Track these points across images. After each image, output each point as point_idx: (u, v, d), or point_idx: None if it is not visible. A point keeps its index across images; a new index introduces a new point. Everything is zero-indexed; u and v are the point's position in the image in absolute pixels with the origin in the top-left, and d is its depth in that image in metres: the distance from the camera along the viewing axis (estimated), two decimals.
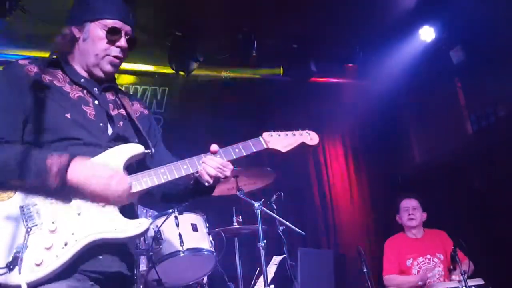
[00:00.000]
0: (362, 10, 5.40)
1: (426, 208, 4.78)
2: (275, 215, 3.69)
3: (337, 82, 6.92)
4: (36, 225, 1.67)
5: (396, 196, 4.99)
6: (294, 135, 2.16)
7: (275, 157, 6.21)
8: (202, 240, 3.39)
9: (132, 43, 1.96)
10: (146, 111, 2.13)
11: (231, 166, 1.93)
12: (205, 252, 3.35)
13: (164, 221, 3.33)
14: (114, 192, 1.71)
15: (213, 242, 3.47)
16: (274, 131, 2.13)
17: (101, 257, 1.73)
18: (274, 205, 3.83)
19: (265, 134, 2.10)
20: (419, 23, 6.01)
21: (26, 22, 4.71)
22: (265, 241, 3.47)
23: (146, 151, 1.90)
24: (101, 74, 1.94)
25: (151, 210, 4.32)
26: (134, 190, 1.79)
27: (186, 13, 5.45)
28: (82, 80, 1.92)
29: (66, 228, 1.68)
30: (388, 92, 6.82)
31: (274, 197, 3.89)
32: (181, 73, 5.90)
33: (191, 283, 3.53)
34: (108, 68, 1.92)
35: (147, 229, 1.79)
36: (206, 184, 1.92)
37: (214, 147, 1.96)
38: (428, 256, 4.53)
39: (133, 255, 1.90)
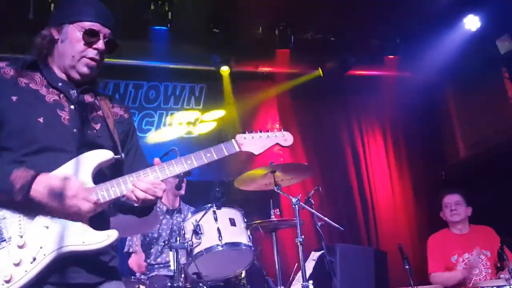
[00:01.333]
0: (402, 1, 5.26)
1: (470, 203, 4.61)
2: (313, 210, 3.66)
3: (377, 74, 6.77)
4: (5, 239, 1.66)
5: (439, 192, 4.85)
6: (268, 136, 2.11)
7: (312, 153, 6.20)
8: (240, 234, 3.41)
9: (112, 46, 1.94)
10: (126, 115, 2.07)
11: (163, 186, 1.83)
12: (243, 247, 3.37)
13: (203, 216, 3.37)
14: (76, 210, 1.70)
15: (251, 236, 3.48)
16: (248, 132, 2.08)
17: (69, 268, 1.71)
18: (312, 201, 3.80)
19: (238, 136, 2.05)
20: (463, 12, 5.78)
21: None
22: (303, 236, 3.44)
23: (116, 156, 1.86)
24: (77, 76, 1.91)
25: (192, 207, 4.41)
26: (102, 200, 1.76)
27: (223, 9, 5.49)
28: (60, 84, 1.89)
29: (34, 243, 1.67)
30: (431, 84, 6.61)
31: (312, 192, 3.86)
32: (221, 69, 5.95)
33: (229, 277, 3.56)
34: (84, 70, 1.89)
35: (117, 240, 1.76)
36: (135, 205, 1.84)
37: (155, 161, 1.91)
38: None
39: (107, 262, 1.84)
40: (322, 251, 3.84)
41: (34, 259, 1.65)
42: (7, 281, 1.61)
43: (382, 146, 6.77)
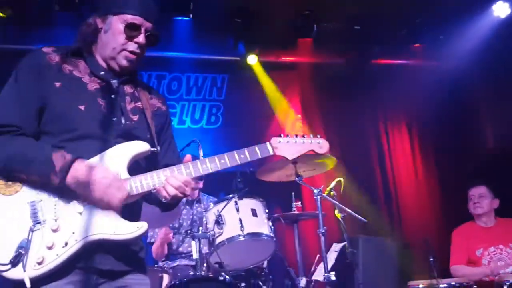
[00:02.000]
0: None
1: (498, 195, 4.51)
2: (335, 202, 3.63)
3: (402, 63, 6.64)
4: (40, 222, 1.71)
5: (466, 185, 4.75)
6: (303, 142, 2.10)
7: (335, 143, 6.14)
8: (261, 225, 3.42)
9: (153, 40, 1.94)
10: (164, 107, 2.09)
11: (193, 185, 1.87)
12: (265, 237, 3.38)
13: (225, 206, 3.38)
14: (108, 201, 1.73)
15: (272, 227, 3.48)
16: (283, 135, 2.06)
17: (98, 254, 1.74)
18: (334, 192, 3.76)
19: (273, 140, 2.04)
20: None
21: None
22: (325, 227, 3.43)
23: (152, 149, 1.88)
24: (117, 67, 1.92)
25: (211, 196, 4.44)
26: (135, 192, 1.79)
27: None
28: (102, 72, 1.91)
29: (67, 227, 1.71)
30: (458, 73, 6.43)
31: (334, 183, 3.82)
32: (243, 59, 5.93)
33: (251, 267, 3.58)
34: (124, 63, 1.90)
35: (146, 231, 1.79)
36: (163, 200, 1.86)
37: (187, 157, 1.94)
38: (500, 246, 4.29)
39: (136, 252, 1.88)
40: (344, 243, 3.81)
41: (66, 243, 1.70)
42: (39, 263, 1.66)
43: (407, 137, 6.66)
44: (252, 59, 5.93)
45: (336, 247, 4.02)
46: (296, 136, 2.09)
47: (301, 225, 4.02)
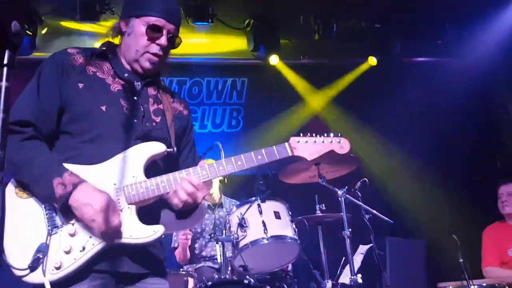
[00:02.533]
0: None
1: None
2: (360, 203, 3.57)
3: (425, 60, 6.51)
4: (57, 226, 1.71)
5: (494, 183, 4.63)
6: (323, 142, 2.01)
7: (359, 143, 6.05)
8: (285, 227, 3.39)
9: (175, 42, 1.94)
10: (185, 112, 2.08)
11: (205, 191, 1.82)
12: (289, 240, 3.35)
13: (248, 209, 3.37)
14: (101, 229, 1.69)
15: (296, 230, 3.45)
16: (302, 135, 2.00)
17: (115, 258, 1.75)
18: (358, 193, 3.70)
19: (292, 140, 1.97)
20: None
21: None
22: (350, 229, 3.37)
23: (168, 149, 1.86)
24: (140, 70, 1.93)
25: (233, 200, 4.43)
26: (151, 195, 1.78)
27: (264, 1, 5.45)
28: (126, 74, 1.93)
29: (84, 232, 1.71)
30: (484, 70, 6.26)
31: (359, 184, 3.76)
32: (264, 62, 5.91)
33: (276, 270, 3.55)
34: (147, 65, 1.90)
35: (162, 235, 1.78)
36: (174, 207, 1.84)
37: (200, 163, 1.92)
38: None
39: (154, 255, 1.86)
40: (371, 245, 3.75)
41: (84, 248, 1.70)
42: (57, 268, 1.66)
43: (433, 134, 6.51)
44: (274, 59, 5.91)
45: (363, 249, 3.96)
46: (316, 135, 2.02)
47: (325, 227, 3.97)
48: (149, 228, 1.76)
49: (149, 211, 1.82)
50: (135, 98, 1.90)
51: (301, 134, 2.00)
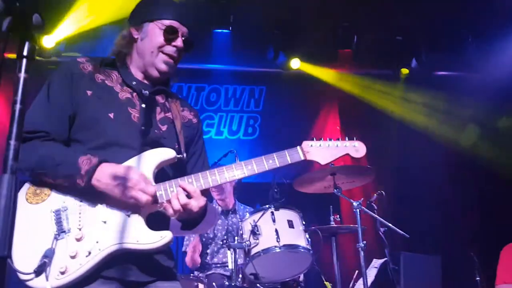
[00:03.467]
0: None
1: None
2: (375, 215, 3.51)
3: (447, 75, 6.43)
4: (64, 231, 1.69)
5: None
6: (337, 146, 1.95)
7: (375, 155, 6.00)
8: (298, 237, 3.34)
9: (189, 45, 1.94)
10: (195, 120, 2.06)
11: (201, 201, 1.75)
12: (302, 250, 3.30)
13: (261, 216, 3.34)
14: (135, 201, 1.69)
15: (309, 240, 3.40)
16: (316, 139, 1.94)
17: (122, 265, 1.72)
18: (374, 205, 3.65)
19: (304, 144, 1.92)
20: None
21: None
22: (364, 242, 3.31)
23: (178, 156, 1.84)
24: (156, 73, 1.92)
25: (248, 206, 4.41)
26: (160, 200, 1.75)
27: (284, 10, 5.46)
28: (134, 82, 1.92)
29: (91, 237, 1.69)
30: (506, 85, 6.15)
31: (375, 196, 3.70)
32: (283, 70, 5.91)
33: (287, 279, 3.50)
34: (163, 67, 1.90)
35: (171, 242, 1.73)
36: (170, 216, 1.79)
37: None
38: None
39: (160, 262, 1.83)
40: (385, 259, 3.68)
41: (90, 253, 1.68)
42: (62, 273, 1.65)
43: (450, 148, 6.40)
44: (295, 63, 5.90)
45: (376, 263, 3.89)
46: (330, 139, 1.97)
47: (339, 239, 3.91)
48: (156, 234, 1.72)
49: (157, 217, 1.79)
50: (142, 106, 1.90)
51: (314, 138, 1.95)
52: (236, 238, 3.44)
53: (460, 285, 4.54)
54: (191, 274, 4.06)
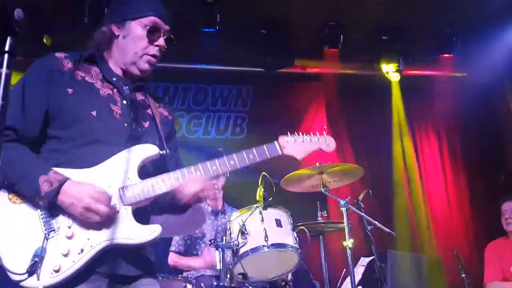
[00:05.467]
0: None
1: None
2: (362, 214, 3.53)
3: (431, 74, 6.50)
4: (54, 230, 1.70)
5: (499, 198, 4.59)
6: (310, 140, 2.06)
7: (363, 155, 6.02)
8: (286, 236, 3.34)
9: (170, 43, 1.98)
10: (170, 117, 2.12)
11: (215, 189, 1.92)
12: (290, 248, 3.30)
13: (249, 215, 3.33)
14: (94, 221, 1.71)
15: (297, 238, 3.40)
16: (291, 134, 2.04)
17: (111, 260, 1.75)
18: (361, 204, 3.67)
19: (281, 139, 2.02)
20: None
21: None
22: (351, 240, 3.33)
23: (161, 152, 1.89)
24: (137, 72, 1.95)
25: (235, 208, 4.39)
26: (147, 196, 1.80)
27: (271, 10, 5.46)
28: (114, 78, 1.93)
29: (81, 234, 1.71)
30: (489, 85, 6.25)
31: (362, 195, 3.73)
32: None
33: (275, 278, 3.50)
34: (146, 66, 1.93)
35: (159, 235, 1.78)
36: (181, 201, 1.88)
37: None
38: None
39: (148, 256, 1.89)
40: (372, 257, 3.70)
41: (82, 250, 1.69)
42: (56, 271, 1.66)
43: (437, 149, 6.48)
44: (284, 63, 5.87)
45: (364, 261, 3.91)
46: (304, 135, 2.07)
47: (327, 238, 3.93)
48: (146, 228, 1.77)
49: (141, 213, 1.83)
50: (124, 102, 1.91)
51: (289, 134, 2.04)
52: (224, 238, 3.43)
53: (446, 283, 4.60)
54: (180, 275, 4.04)
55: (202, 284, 3.76)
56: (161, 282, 3.07)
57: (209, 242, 3.99)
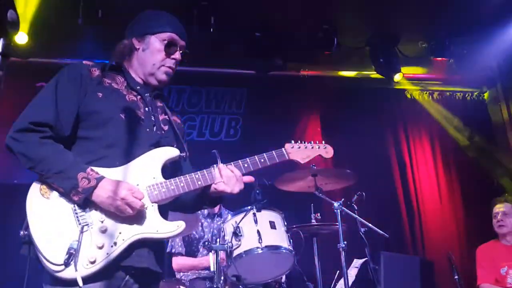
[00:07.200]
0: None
1: None
2: (356, 216, 3.55)
3: (424, 77, 6.54)
4: (87, 224, 1.84)
5: (491, 200, 4.62)
6: (312, 147, 2.34)
7: (356, 159, 6.04)
8: (280, 238, 3.35)
9: (186, 57, 2.18)
10: (182, 124, 2.31)
11: (242, 186, 2.10)
12: (283, 250, 3.31)
13: (243, 217, 3.33)
14: (128, 214, 1.86)
15: (291, 240, 3.41)
16: (295, 142, 2.31)
17: (135, 253, 1.88)
18: (355, 206, 3.69)
19: (287, 145, 2.28)
20: None
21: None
22: (345, 242, 3.34)
23: (181, 154, 2.08)
24: (155, 82, 2.13)
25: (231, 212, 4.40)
26: (172, 194, 1.98)
27: (265, 12, 5.48)
28: (138, 87, 2.11)
29: (114, 228, 1.85)
30: (482, 87, 6.31)
31: (355, 197, 3.75)
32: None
33: (269, 281, 3.50)
34: (163, 77, 2.12)
35: (184, 231, 1.94)
36: (214, 191, 2.08)
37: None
38: None
39: (163, 253, 2.09)
40: (366, 259, 3.71)
41: (115, 243, 1.84)
42: (92, 262, 1.78)
43: (429, 151, 6.52)
44: (278, 65, 5.89)
45: (357, 262, 3.93)
46: (305, 142, 2.34)
47: (320, 239, 3.94)
48: (173, 223, 1.93)
49: (163, 210, 1.98)
50: (146, 109, 2.09)
51: (293, 141, 2.31)
52: (218, 240, 3.43)
53: (439, 285, 4.62)
54: (173, 277, 4.03)
55: (195, 286, 3.76)
56: None
57: (203, 245, 4.00)
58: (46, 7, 4.87)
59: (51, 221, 1.81)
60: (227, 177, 2.04)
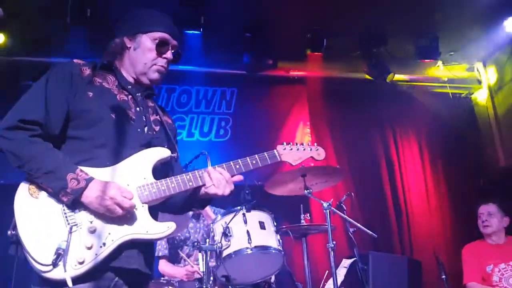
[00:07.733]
0: (440, 0, 5.11)
1: (509, 213, 4.42)
2: (345, 216, 3.56)
3: (413, 79, 6.60)
4: (76, 224, 1.81)
5: (477, 201, 4.68)
6: (304, 149, 2.32)
7: (345, 158, 6.06)
8: (270, 238, 3.35)
9: (178, 57, 2.15)
10: (173, 125, 2.29)
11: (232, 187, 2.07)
12: (273, 251, 3.31)
13: (233, 218, 3.33)
14: (113, 213, 1.84)
15: (280, 240, 3.42)
16: (286, 143, 2.29)
17: (124, 254, 1.87)
18: (344, 206, 3.71)
19: (279, 147, 2.26)
20: (504, 14, 5.57)
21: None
22: (334, 242, 3.36)
23: (172, 154, 2.06)
24: (147, 81, 2.10)
25: (217, 208, 4.39)
26: (162, 195, 1.96)
27: (255, 13, 5.48)
28: (129, 86, 2.09)
29: (103, 229, 1.83)
30: (469, 90, 6.39)
31: (344, 197, 3.77)
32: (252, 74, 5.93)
33: (259, 281, 3.50)
34: (155, 76, 2.09)
35: (174, 231, 1.93)
36: (205, 193, 2.06)
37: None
38: (511, 263, 4.18)
39: (153, 254, 2.08)
40: (354, 258, 3.74)
41: (104, 244, 1.82)
42: (81, 263, 1.77)
43: (417, 152, 6.59)
44: (268, 65, 5.88)
45: (346, 262, 3.95)
46: (297, 144, 2.32)
47: (310, 239, 3.95)
48: (163, 224, 1.91)
49: (154, 210, 1.97)
50: (137, 109, 2.06)
51: (284, 143, 2.29)
52: (207, 240, 3.43)
53: (426, 284, 4.66)
54: (161, 278, 4.01)
55: (184, 287, 3.74)
56: None
57: (192, 246, 3.99)
58: (34, 5, 4.82)
59: (39, 221, 1.78)
60: (217, 179, 2.01)
